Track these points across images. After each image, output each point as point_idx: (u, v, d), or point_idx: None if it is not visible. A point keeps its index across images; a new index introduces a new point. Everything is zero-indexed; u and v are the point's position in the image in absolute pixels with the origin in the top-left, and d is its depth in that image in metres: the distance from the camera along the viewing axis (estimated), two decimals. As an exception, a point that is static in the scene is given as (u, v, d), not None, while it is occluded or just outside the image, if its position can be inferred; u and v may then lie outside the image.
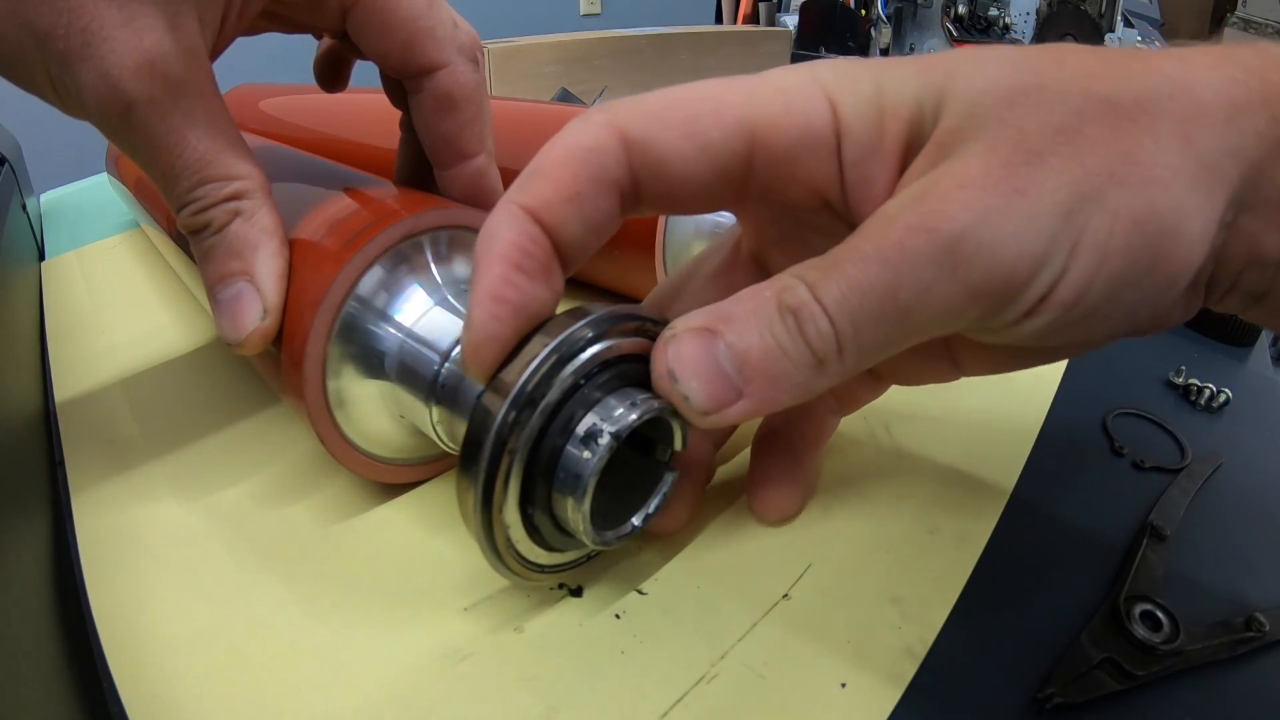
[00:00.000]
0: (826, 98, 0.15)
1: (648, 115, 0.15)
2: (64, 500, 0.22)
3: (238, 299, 0.18)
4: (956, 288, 0.13)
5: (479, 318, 0.14)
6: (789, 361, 0.14)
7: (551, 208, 0.15)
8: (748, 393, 0.14)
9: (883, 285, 0.13)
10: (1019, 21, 0.45)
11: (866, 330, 0.13)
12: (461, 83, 0.21)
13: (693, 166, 0.15)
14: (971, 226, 0.13)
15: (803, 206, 0.16)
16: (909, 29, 0.46)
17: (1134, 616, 0.17)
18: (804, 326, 0.13)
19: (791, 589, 0.18)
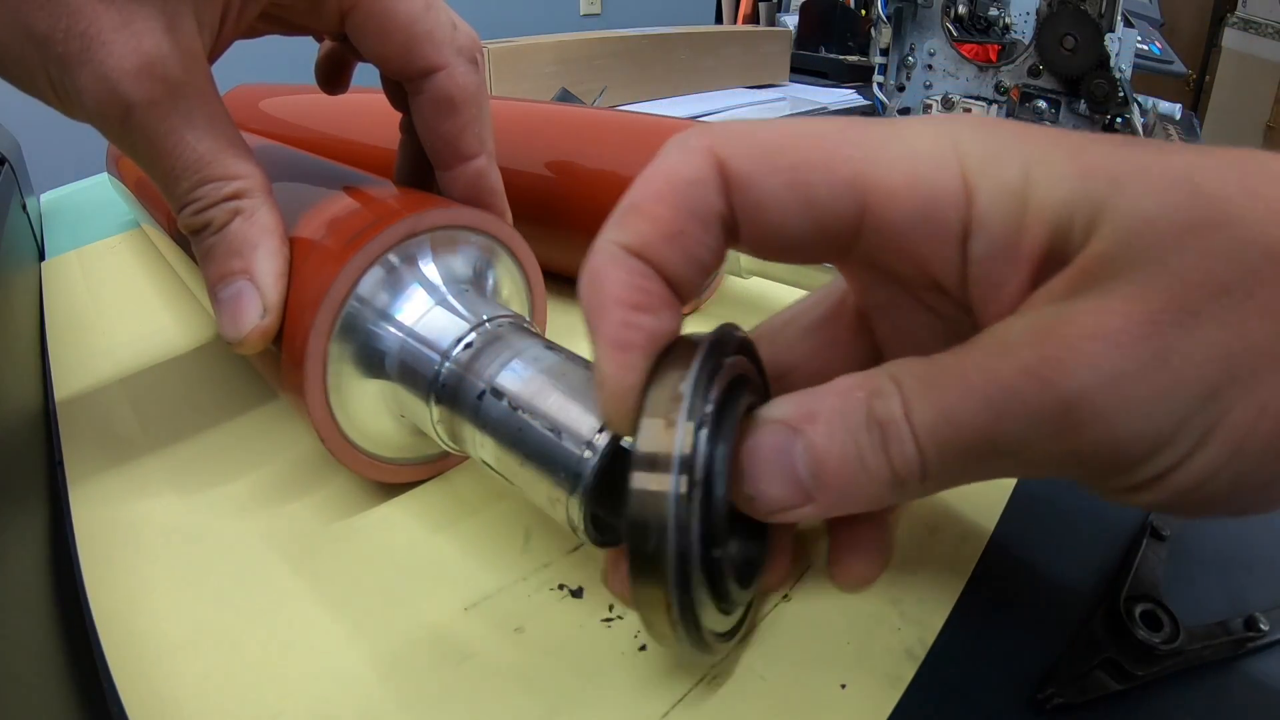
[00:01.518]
0: (961, 176, 0.12)
1: (753, 152, 0.13)
2: (63, 499, 0.22)
3: (238, 298, 0.18)
4: (1061, 449, 0.11)
5: (611, 371, 0.13)
6: (866, 476, 0.12)
7: (653, 247, 0.13)
8: (818, 499, 0.13)
9: (981, 425, 0.12)
10: (1019, 21, 0.44)
11: (954, 464, 0.12)
12: (461, 84, 0.21)
13: (793, 219, 0.13)
14: (1094, 390, 0.11)
15: (913, 283, 0.14)
16: (909, 29, 0.46)
17: (1134, 616, 0.17)
18: (889, 445, 0.12)
19: (791, 590, 0.18)
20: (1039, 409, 0.11)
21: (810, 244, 0.13)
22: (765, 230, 0.13)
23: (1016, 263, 0.12)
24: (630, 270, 0.13)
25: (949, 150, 0.13)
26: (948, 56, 0.48)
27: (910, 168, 0.12)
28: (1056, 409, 0.11)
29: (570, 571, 0.19)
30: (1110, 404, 0.11)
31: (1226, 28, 1.63)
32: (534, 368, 0.17)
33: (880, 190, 0.13)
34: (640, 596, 0.13)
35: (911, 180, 0.12)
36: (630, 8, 2.21)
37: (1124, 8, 0.43)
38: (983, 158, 0.12)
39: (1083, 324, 0.11)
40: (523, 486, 0.17)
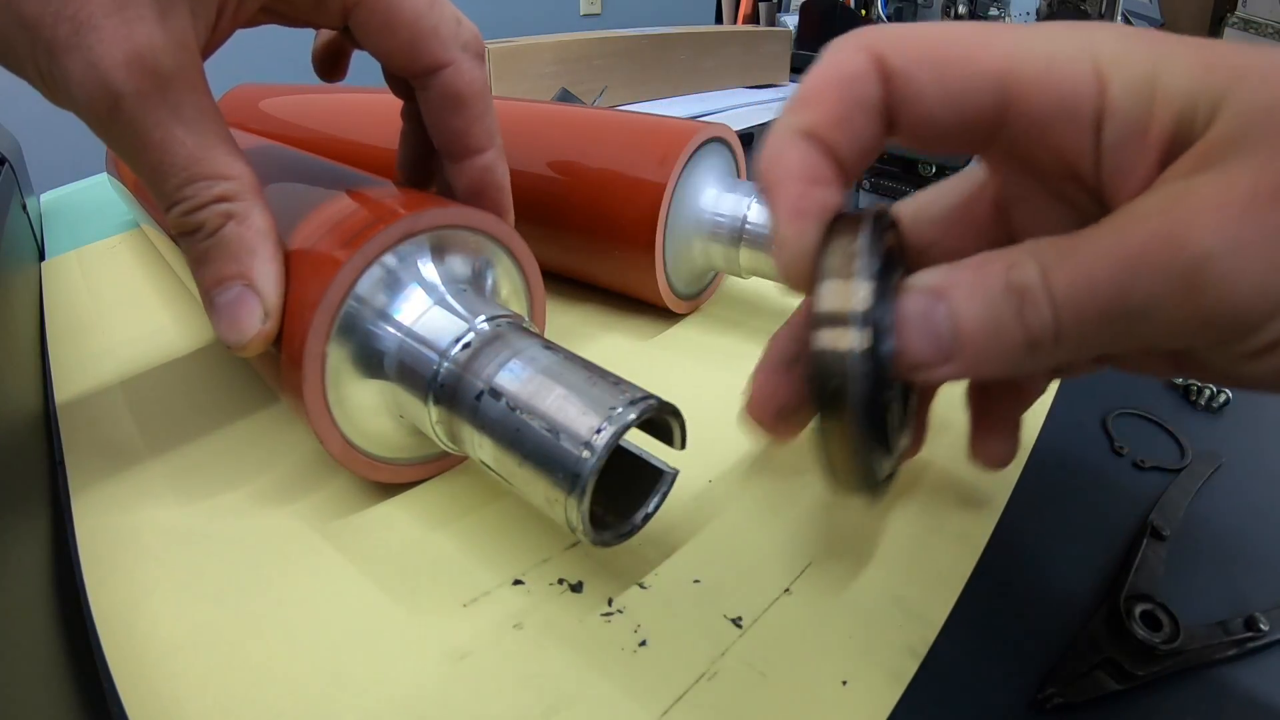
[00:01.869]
0: (1095, 70, 0.13)
1: (908, 49, 0.14)
2: (64, 500, 0.22)
3: (237, 303, 0.18)
4: (1188, 311, 0.12)
5: (790, 235, 0.14)
6: (1002, 339, 0.13)
7: (824, 130, 0.15)
8: (956, 359, 0.14)
9: (1115, 287, 0.12)
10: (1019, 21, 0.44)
11: (1088, 327, 0.13)
12: (467, 80, 0.21)
13: (940, 111, 0.14)
14: (1218, 253, 0.12)
15: (1050, 172, 0.15)
16: (909, 29, 0.46)
17: (1134, 616, 0.17)
18: (1026, 310, 0.13)
19: (792, 585, 0.18)
20: (1168, 270, 0.12)
21: (958, 133, 0.15)
22: (919, 119, 0.14)
23: (1145, 148, 0.13)
24: (805, 150, 0.14)
25: (1084, 48, 0.13)
26: (947, 56, 0.48)
27: (1048, 63, 0.14)
28: (1184, 270, 0.12)
29: (569, 566, 0.19)
30: (1233, 267, 0.11)
31: (1226, 28, 1.63)
32: (532, 368, 0.17)
33: (1021, 83, 0.14)
34: (825, 438, 0.14)
35: (1049, 73, 0.13)
36: (630, 8, 2.21)
37: (1124, 8, 0.43)
38: (1115, 54, 0.13)
39: (1208, 194, 0.12)
40: (521, 487, 0.17)
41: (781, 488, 0.22)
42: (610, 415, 0.16)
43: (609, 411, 0.16)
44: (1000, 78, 0.14)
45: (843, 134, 0.15)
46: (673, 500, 0.18)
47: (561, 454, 0.16)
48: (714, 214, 0.28)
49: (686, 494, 0.21)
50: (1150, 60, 0.13)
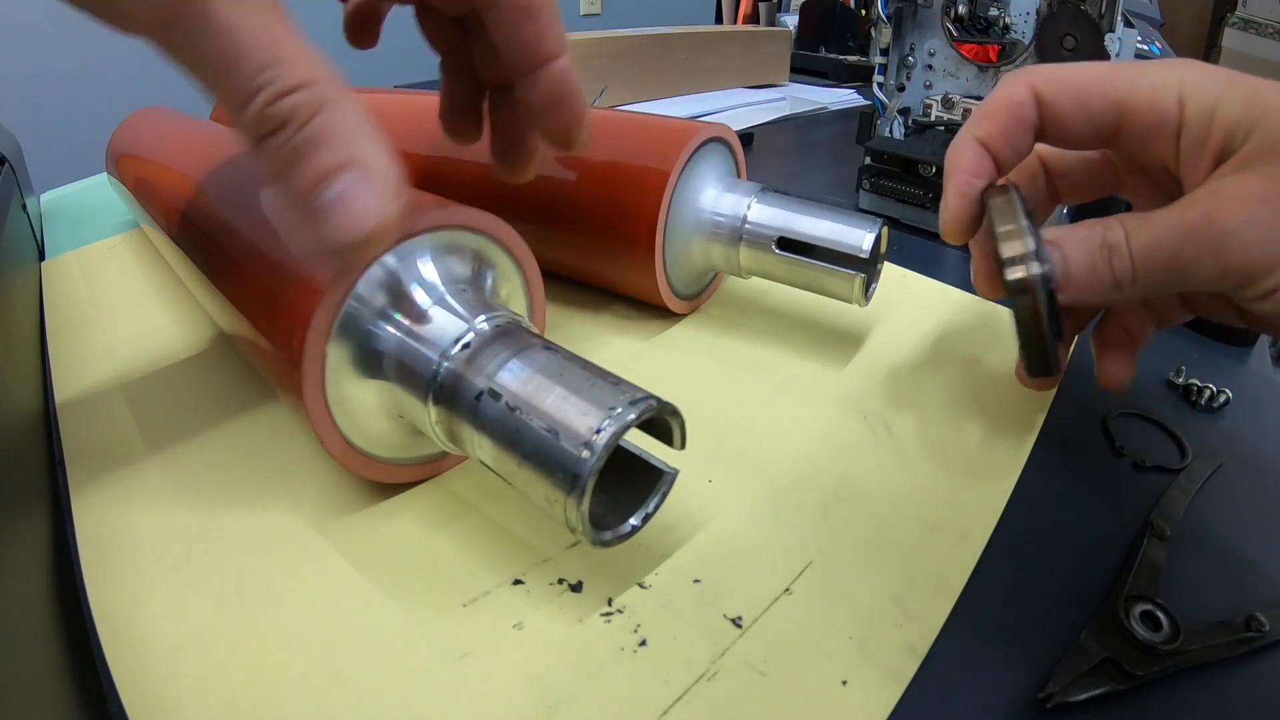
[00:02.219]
0: (1179, 98, 0.20)
1: (1055, 83, 0.21)
2: (63, 500, 0.22)
3: (351, 193, 0.15)
4: (1215, 264, 0.18)
5: (954, 206, 0.22)
6: (1096, 277, 0.20)
7: (992, 139, 0.21)
8: (1066, 289, 0.20)
9: (1172, 246, 0.19)
10: (1019, 21, 0.44)
11: (1155, 273, 0.19)
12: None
13: (1078, 126, 0.21)
14: (1237, 228, 0.18)
15: (1149, 166, 0.22)
16: (909, 29, 0.45)
17: (1134, 616, 0.17)
18: (1113, 258, 0.19)
19: (792, 585, 0.18)
20: (1206, 238, 0.18)
21: (1089, 141, 0.21)
22: (1064, 132, 0.21)
23: (1205, 154, 0.20)
24: (976, 150, 0.22)
25: (1174, 83, 0.20)
26: (948, 56, 0.48)
27: (1150, 93, 0.20)
28: (1217, 237, 0.18)
29: (569, 566, 0.19)
30: (1247, 236, 0.18)
31: (1226, 28, 1.63)
32: (532, 368, 0.17)
33: (1133, 106, 0.20)
34: (1024, 331, 0.20)
35: (1151, 100, 0.20)
36: (630, 8, 2.21)
37: (1124, 8, 0.43)
38: (1193, 87, 0.20)
39: (1234, 190, 0.18)
40: (521, 487, 0.17)
41: (781, 488, 0.22)
42: (610, 415, 0.16)
43: (609, 411, 0.16)
44: (1119, 104, 0.20)
45: (1004, 143, 0.21)
46: (673, 500, 0.18)
47: (561, 454, 0.16)
48: (714, 214, 0.28)
49: (686, 494, 0.21)
50: (1215, 92, 0.19)
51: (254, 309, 0.21)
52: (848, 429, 0.24)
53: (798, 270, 0.27)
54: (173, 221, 0.30)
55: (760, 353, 0.28)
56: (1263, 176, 0.18)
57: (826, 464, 0.22)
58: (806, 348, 0.28)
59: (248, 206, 0.24)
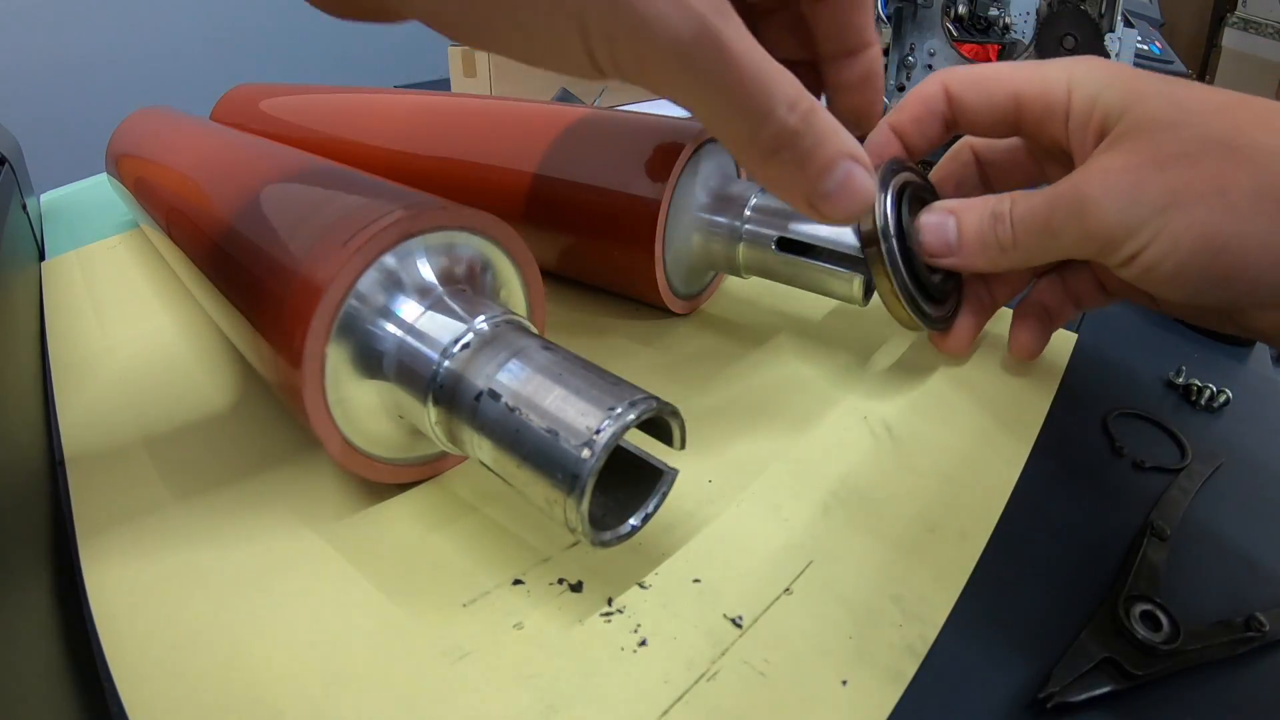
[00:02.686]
0: (1068, 88, 0.22)
1: (962, 79, 0.24)
2: (63, 499, 0.22)
3: (849, 177, 0.18)
4: (1079, 229, 0.21)
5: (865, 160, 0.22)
6: (983, 243, 0.23)
7: (903, 125, 0.25)
8: (957, 254, 0.24)
9: (1045, 215, 0.21)
10: (1019, 21, 0.44)
11: (1031, 238, 0.22)
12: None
13: (983, 114, 0.24)
14: (1097, 197, 0.20)
15: (1046, 149, 0.25)
16: (909, 29, 0.45)
17: (1134, 616, 0.17)
18: (998, 226, 0.23)
19: (792, 585, 0.18)
20: (1072, 205, 0.21)
21: (991, 127, 0.24)
22: (970, 121, 0.24)
23: (1088, 133, 0.22)
24: (885, 134, 0.25)
25: (1064, 75, 0.22)
26: (948, 56, 0.48)
27: (1042, 83, 0.22)
28: (1080, 204, 0.20)
29: (569, 566, 0.19)
30: (1106, 204, 0.20)
31: (1226, 28, 1.63)
32: (531, 368, 0.17)
33: (1026, 96, 0.23)
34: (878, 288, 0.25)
35: (1044, 91, 0.22)
36: (630, 8, 2.21)
37: (1124, 8, 0.43)
38: (1080, 78, 0.22)
39: (1104, 162, 0.20)
40: (520, 487, 0.17)
41: (781, 488, 0.22)
42: (610, 415, 0.16)
43: (608, 412, 0.16)
44: (1016, 93, 0.23)
45: (915, 129, 0.25)
46: (673, 500, 0.18)
47: (561, 454, 0.16)
48: (713, 214, 0.28)
49: (686, 494, 0.21)
50: (1099, 81, 0.21)
51: (253, 309, 0.21)
52: (848, 429, 0.24)
53: (797, 270, 0.27)
54: (172, 221, 0.30)
55: (760, 353, 0.28)
56: (1125, 151, 0.20)
57: (826, 464, 0.22)
58: (806, 348, 0.28)
59: (247, 206, 0.24)
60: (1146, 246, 0.19)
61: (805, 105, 0.18)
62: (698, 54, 0.16)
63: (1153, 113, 0.20)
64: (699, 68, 0.16)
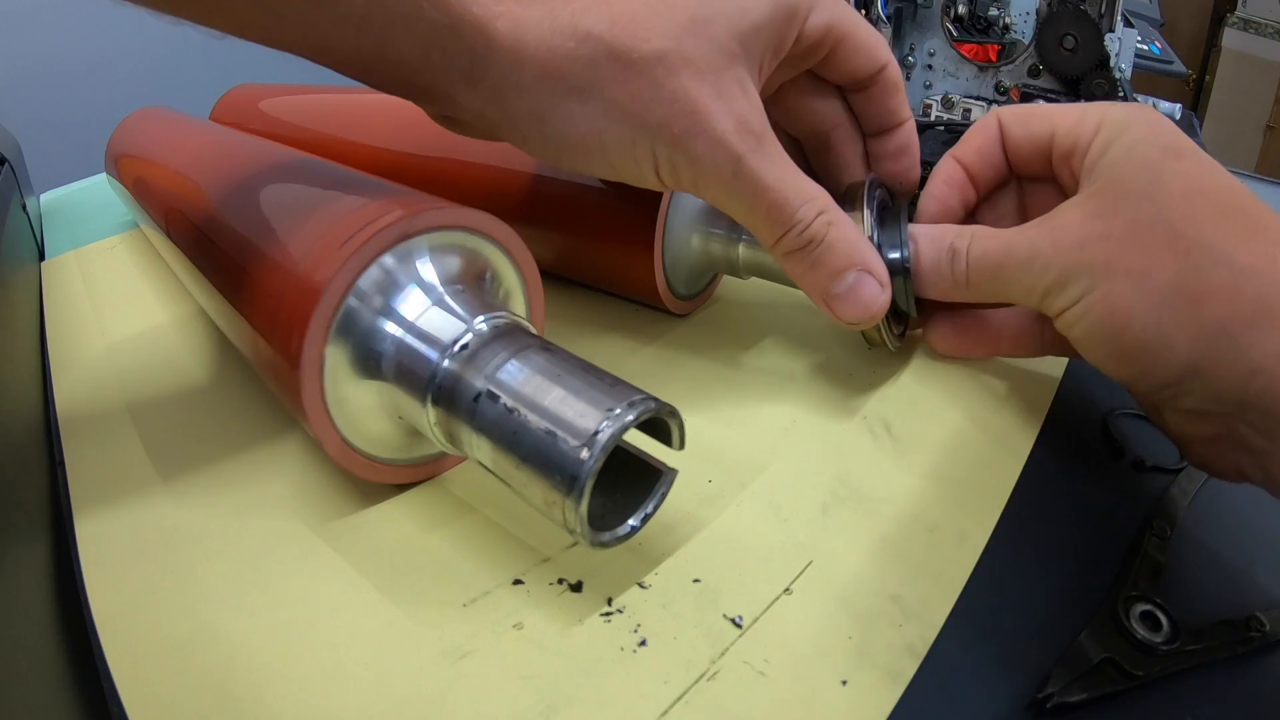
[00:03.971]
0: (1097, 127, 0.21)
1: (1012, 112, 0.24)
2: (63, 499, 0.22)
3: (858, 286, 0.22)
4: (1027, 280, 0.21)
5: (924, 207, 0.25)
6: (938, 275, 0.23)
7: (966, 156, 0.25)
8: (915, 279, 0.23)
9: (999, 260, 0.22)
10: (1019, 21, 0.44)
11: (983, 281, 0.22)
12: (897, 68, 0.26)
13: (1023, 146, 0.24)
14: (1046, 253, 0.20)
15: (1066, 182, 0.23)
16: (909, 29, 0.46)
17: (1134, 616, 0.17)
18: (955, 261, 0.23)
19: (792, 585, 0.18)
20: (1024, 256, 0.21)
21: (1030, 161, 0.24)
22: (1012, 151, 0.24)
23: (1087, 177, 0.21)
24: (951, 165, 0.25)
25: (1100, 115, 0.22)
26: (947, 56, 0.48)
27: (1078, 120, 0.22)
28: (1030, 257, 0.21)
29: (569, 566, 0.19)
30: (1052, 260, 0.20)
31: (1226, 28, 1.63)
32: (530, 369, 0.17)
33: (1059, 130, 0.22)
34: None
35: (1074, 126, 0.22)
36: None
37: (1124, 8, 0.43)
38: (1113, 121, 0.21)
39: (1060, 218, 0.21)
40: (519, 488, 0.17)
41: (781, 488, 0.22)
42: (609, 416, 0.16)
43: (607, 413, 0.16)
44: (1052, 124, 0.23)
45: (977, 158, 0.25)
46: (673, 500, 0.18)
47: (560, 455, 0.16)
48: (713, 213, 0.28)
49: (686, 494, 0.21)
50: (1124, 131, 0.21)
51: (252, 310, 0.21)
52: (847, 429, 0.24)
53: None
54: (171, 221, 0.30)
55: (759, 353, 0.28)
56: (1087, 212, 0.20)
57: (826, 464, 0.22)
58: (805, 348, 0.28)
59: (246, 207, 0.24)
60: (1069, 307, 0.20)
61: (824, 219, 0.22)
62: (734, 184, 0.21)
63: (1130, 180, 0.20)
64: (736, 192, 0.21)
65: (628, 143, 0.20)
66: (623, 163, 0.21)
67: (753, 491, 0.21)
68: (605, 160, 0.21)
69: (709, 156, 0.20)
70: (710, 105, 0.20)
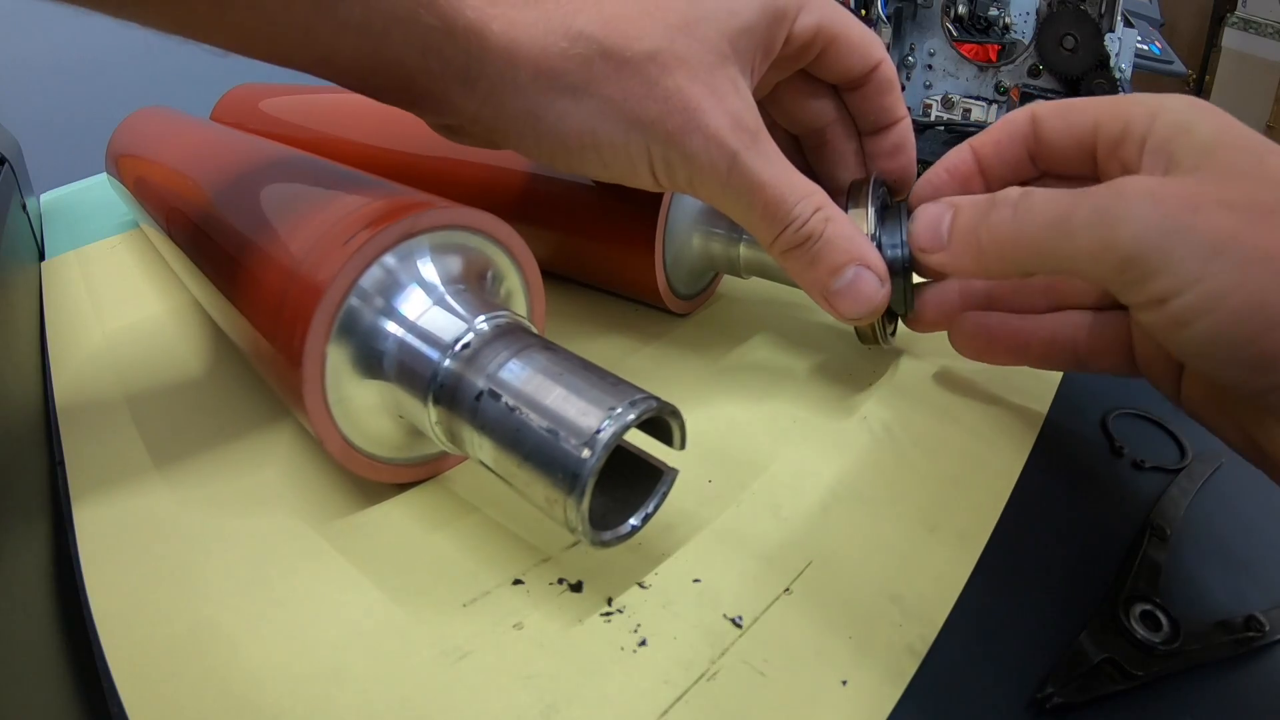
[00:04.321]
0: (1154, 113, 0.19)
1: (1050, 106, 0.22)
2: (64, 499, 0.22)
3: (857, 281, 0.21)
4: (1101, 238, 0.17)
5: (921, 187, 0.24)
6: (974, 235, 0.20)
7: (984, 147, 0.23)
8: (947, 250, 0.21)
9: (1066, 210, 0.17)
10: (1019, 21, 0.45)
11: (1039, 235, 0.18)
12: (891, 65, 0.25)
13: (1061, 139, 0.21)
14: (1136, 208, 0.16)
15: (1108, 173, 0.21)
16: (909, 29, 0.46)
17: (1134, 616, 0.17)
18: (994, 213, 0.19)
19: (792, 585, 0.18)
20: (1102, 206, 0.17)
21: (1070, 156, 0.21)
22: (1049, 145, 0.22)
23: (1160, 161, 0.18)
24: (965, 152, 0.23)
25: (1153, 102, 0.19)
26: (947, 56, 0.48)
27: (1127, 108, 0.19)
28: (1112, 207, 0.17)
29: (569, 566, 0.19)
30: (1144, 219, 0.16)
31: (1226, 28, 1.63)
32: (532, 368, 0.17)
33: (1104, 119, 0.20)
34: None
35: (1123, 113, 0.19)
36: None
37: (1124, 8, 0.43)
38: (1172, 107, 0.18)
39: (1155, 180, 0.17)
40: (520, 487, 0.17)
41: (781, 487, 0.22)
42: (610, 415, 0.16)
43: (609, 412, 0.16)
44: (1096, 118, 0.20)
45: (993, 150, 0.23)
46: (673, 500, 0.18)
47: (561, 454, 0.16)
48: (714, 213, 0.28)
49: (686, 494, 0.21)
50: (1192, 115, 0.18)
51: (254, 309, 0.21)
52: (847, 429, 0.24)
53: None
54: (172, 221, 0.30)
55: (759, 353, 0.28)
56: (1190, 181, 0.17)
57: (826, 464, 0.22)
58: (805, 348, 0.28)
59: (247, 206, 0.24)
60: (1181, 292, 0.15)
61: (821, 216, 0.21)
62: (730, 181, 0.21)
63: (1233, 161, 0.17)
64: (732, 189, 0.21)
65: (621, 140, 0.20)
66: (617, 161, 0.21)
67: (753, 491, 0.21)
68: (600, 159, 0.21)
69: (704, 153, 0.20)
70: (704, 103, 0.20)
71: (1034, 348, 0.23)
